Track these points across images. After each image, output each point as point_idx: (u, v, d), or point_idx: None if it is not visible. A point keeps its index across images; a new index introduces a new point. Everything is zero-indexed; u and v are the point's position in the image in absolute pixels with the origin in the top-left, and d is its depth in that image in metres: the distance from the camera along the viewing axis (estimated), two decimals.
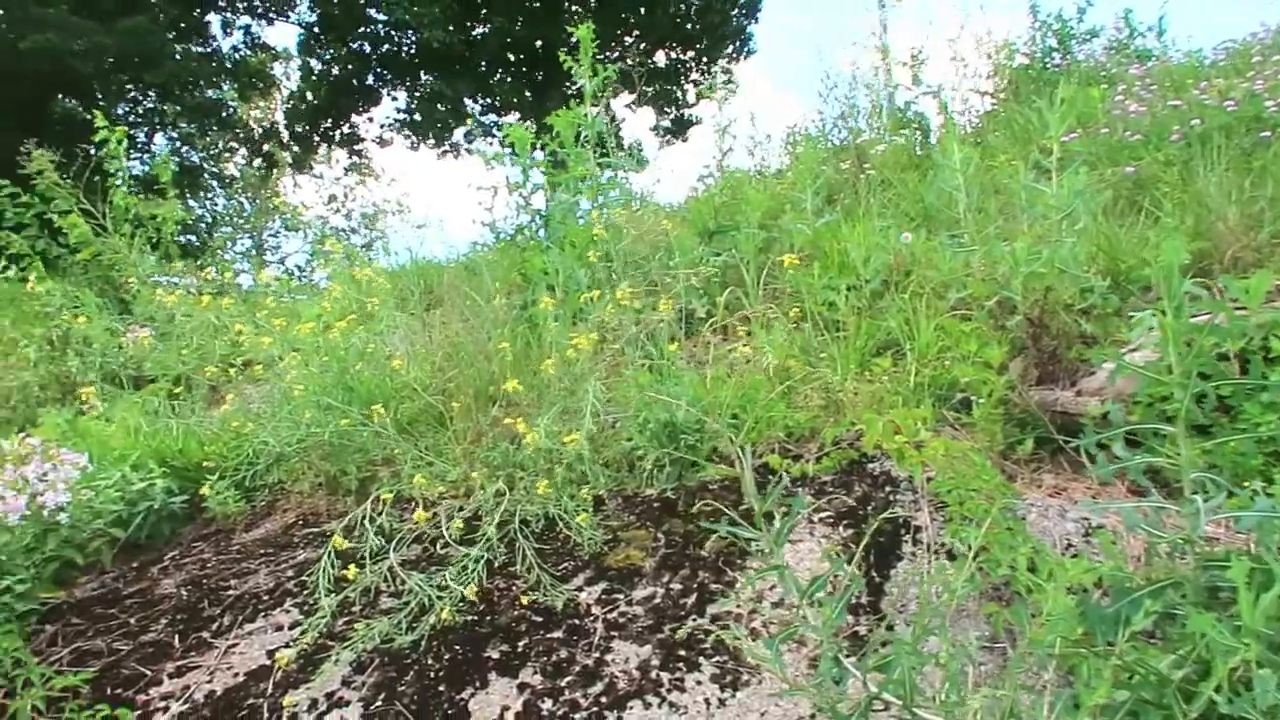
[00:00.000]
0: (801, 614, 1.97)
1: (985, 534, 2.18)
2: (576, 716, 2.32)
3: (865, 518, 2.87)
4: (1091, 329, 3.33)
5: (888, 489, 3.00)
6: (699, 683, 2.37)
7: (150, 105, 20.12)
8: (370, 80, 22.12)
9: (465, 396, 3.75)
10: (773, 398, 3.30)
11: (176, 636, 2.98)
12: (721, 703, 2.29)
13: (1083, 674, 1.73)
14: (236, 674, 2.73)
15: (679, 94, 23.83)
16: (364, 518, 3.11)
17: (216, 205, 26.51)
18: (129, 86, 18.54)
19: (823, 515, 2.93)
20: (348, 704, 2.50)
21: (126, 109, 19.21)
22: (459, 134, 22.17)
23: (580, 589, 2.76)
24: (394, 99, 22.75)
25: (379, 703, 2.48)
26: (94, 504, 3.62)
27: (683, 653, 2.47)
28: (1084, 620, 1.85)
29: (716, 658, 2.44)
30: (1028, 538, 2.28)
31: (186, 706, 2.63)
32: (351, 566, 2.82)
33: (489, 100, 22.26)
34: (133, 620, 3.11)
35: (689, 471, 3.25)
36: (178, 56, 17.87)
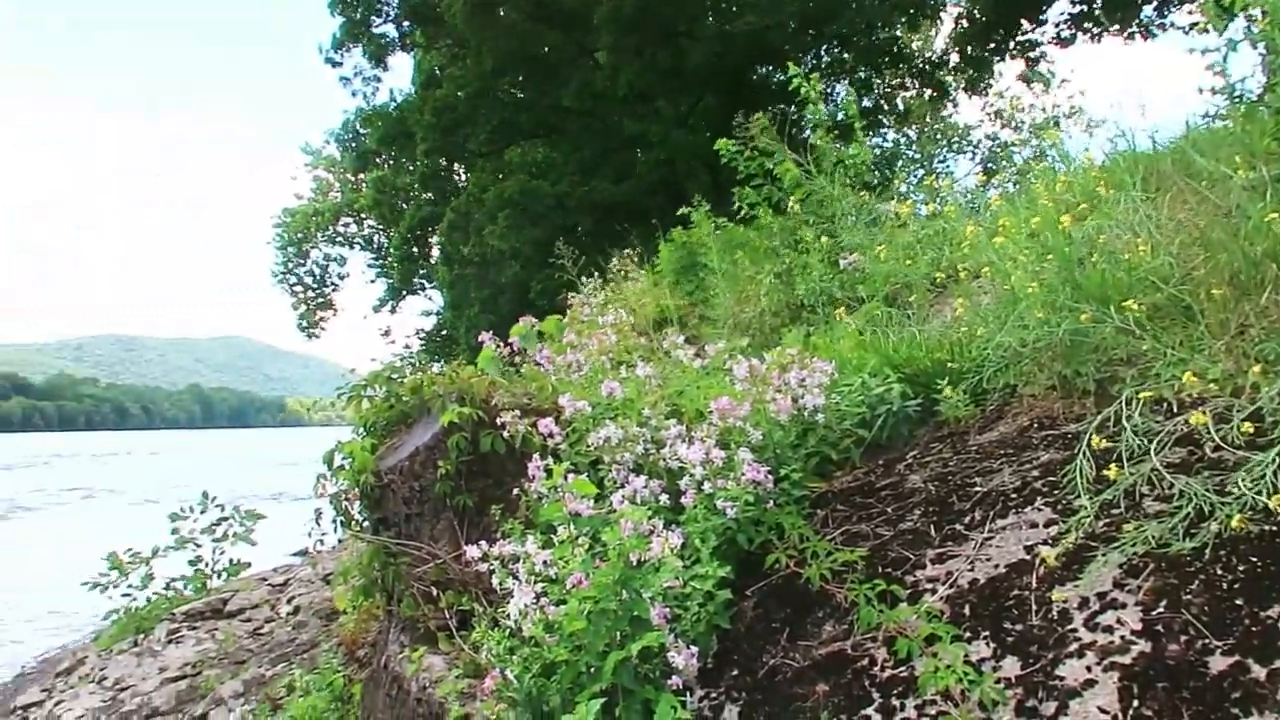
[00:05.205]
0: None
1: None
2: None
3: None
4: None
5: None
6: None
7: (831, 58, 21.69)
8: None
9: (1219, 284, 3.25)
10: None
11: (931, 527, 3.15)
12: None
13: None
14: (996, 565, 2.78)
15: None
16: (1115, 418, 2.89)
17: (888, 140, 27.67)
18: (812, 43, 20.18)
19: None
20: (1123, 606, 2.36)
21: (811, 64, 20.98)
22: (1148, 10, 19.50)
23: None
24: None
25: (1160, 609, 2.29)
26: (840, 407, 4.02)
27: None
28: None
29: None
30: None
31: (953, 590, 2.76)
32: (1112, 466, 2.64)
33: None
34: (889, 510, 3.38)
35: None
36: (853, 4, 18.86)
